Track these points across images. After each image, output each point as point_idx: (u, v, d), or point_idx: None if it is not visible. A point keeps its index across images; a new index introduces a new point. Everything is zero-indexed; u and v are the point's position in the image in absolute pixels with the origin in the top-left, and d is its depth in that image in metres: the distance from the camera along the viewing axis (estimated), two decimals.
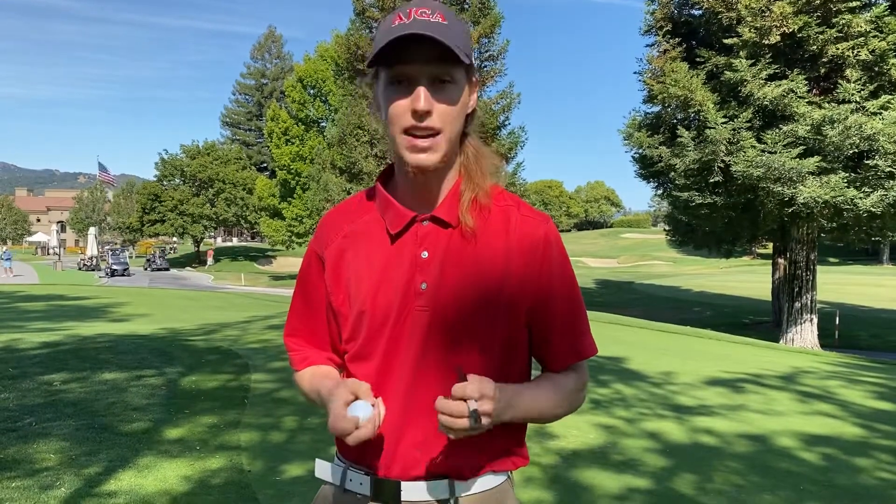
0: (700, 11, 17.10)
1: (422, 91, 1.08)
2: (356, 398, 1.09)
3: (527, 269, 1.18)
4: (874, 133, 13.79)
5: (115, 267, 43.82)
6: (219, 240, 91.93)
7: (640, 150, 18.48)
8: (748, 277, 37.53)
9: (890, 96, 14.22)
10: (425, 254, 1.17)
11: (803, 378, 8.08)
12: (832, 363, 10.82)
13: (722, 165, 15.54)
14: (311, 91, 45.59)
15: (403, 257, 1.18)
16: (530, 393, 1.18)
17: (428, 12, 1.09)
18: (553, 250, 1.20)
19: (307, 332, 1.33)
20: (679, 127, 16.53)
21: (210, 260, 56.78)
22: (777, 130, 14.82)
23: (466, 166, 1.21)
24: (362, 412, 1.08)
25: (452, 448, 1.15)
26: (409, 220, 1.19)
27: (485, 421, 1.03)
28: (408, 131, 1.10)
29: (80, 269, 49.51)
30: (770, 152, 14.65)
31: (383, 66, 1.12)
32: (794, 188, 14.67)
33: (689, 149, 15.97)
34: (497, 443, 1.19)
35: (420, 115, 1.09)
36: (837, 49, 14.25)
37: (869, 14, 14.28)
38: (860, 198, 14.51)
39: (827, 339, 17.54)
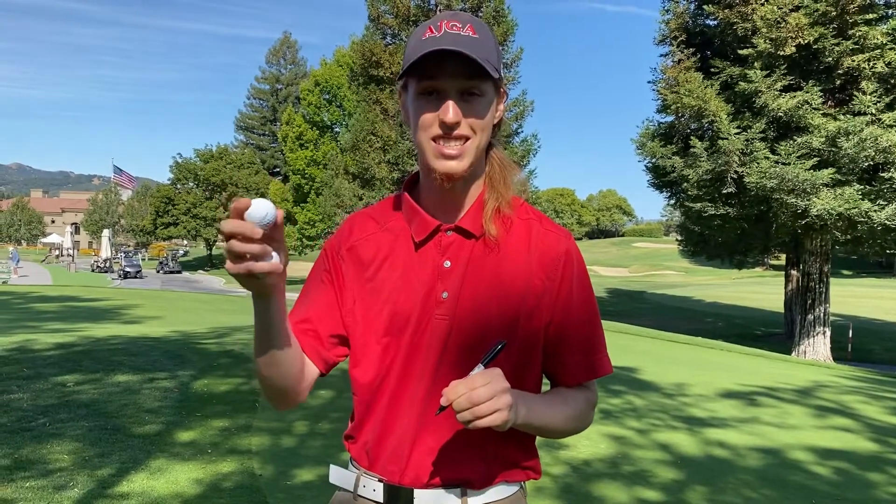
0: (715, 22, 17.07)
1: (451, 104, 1.09)
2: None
3: (547, 284, 1.18)
4: (889, 146, 13.72)
5: (127, 269, 44.18)
6: None
7: (653, 160, 18.44)
8: (760, 289, 37.30)
9: None
10: (448, 263, 1.18)
11: (816, 391, 8.02)
12: (845, 377, 10.72)
13: (735, 176, 15.49)
14: (327, 96, 45.80)
15: (426, 265, 1.19)
16: (542, 400, 1.18)
17: (459, 25, 1.09)
18: (574, 266, 1.21)
19: (296, 319, 1.24)
20: (692, 137, 16.48)
21: None
22: (791, 142, 14.76)
23: (491, 176, 1.22)
24: (262, 212, 0.87)
25: (466, 457, 1.16)
26: (433, 229, 1.20)
27: (504, 414, 1.01)
28: (436, 139, 1.12)
29: (93, 270, 49.92)
30: (784, 164, 14.58)
31: (413, 78, 1.13)
32: (807, 200, 14.59)
33: (703, 159, 15.92)
34: (510, 453, 1.20)
35: (448, 126, 1.10)
36: (853, 61, 14.19)
37: (885, 26, 14.22)
38: (875, 210, 14.43)
39: (840, 353, 17.38)
